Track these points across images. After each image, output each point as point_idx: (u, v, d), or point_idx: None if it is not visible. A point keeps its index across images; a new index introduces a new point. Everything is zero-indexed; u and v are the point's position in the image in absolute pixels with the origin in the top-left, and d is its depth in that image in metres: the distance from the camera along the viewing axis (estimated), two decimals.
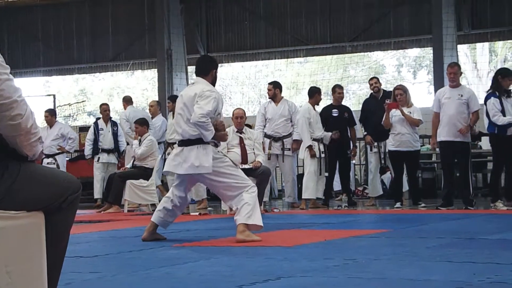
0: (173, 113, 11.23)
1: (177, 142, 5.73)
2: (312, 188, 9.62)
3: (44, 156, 11.16)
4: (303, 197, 9.71)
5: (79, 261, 4.67)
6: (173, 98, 11.82)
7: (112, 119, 11.77)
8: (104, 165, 11.53)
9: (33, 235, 2.41)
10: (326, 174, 9.80)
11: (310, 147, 9.66)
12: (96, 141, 11.46)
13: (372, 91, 10.45)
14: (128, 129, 11.34)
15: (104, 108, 11.79)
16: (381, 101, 9.89)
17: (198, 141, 5.51)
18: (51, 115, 11.72)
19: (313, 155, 9.66)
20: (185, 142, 5.54)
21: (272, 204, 10.53)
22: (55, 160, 11.42)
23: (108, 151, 11.45)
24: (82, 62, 16.79)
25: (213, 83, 5.72)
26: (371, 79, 10.60)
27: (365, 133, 10.30)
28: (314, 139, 9.69)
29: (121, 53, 16.47)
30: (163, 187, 10.91)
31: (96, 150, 11.46)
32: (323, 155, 9.68)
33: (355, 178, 12.60)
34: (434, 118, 8.97)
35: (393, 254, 4.52)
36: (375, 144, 10.06)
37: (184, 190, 5.67)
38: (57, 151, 11.50)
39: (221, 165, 5.52)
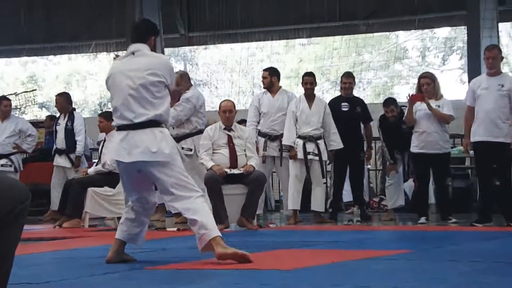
0: None
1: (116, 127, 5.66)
2: (295, 198, 9.66)
3: None
4: (289, 207, 9.74)
5: None
6: None
7: (72, 112, 11.69)
8: (59, 170, 11.48)
9: None
10: (324, 180, 9.78)
11: (291, 148, 9.69)
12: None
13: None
14: None
15: (56, 100, 11.76)
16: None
17: (153, 123, 5.49)
18: (9, 105, 11.67)
19: (293, 157, 9.68)
20: (136, 125, 5.49)
21: (268, 218, 10.53)
22: (11, 161, 11.37)
23: (60, 152, 11.39)
24: (33, 42, 16.73)
25: None
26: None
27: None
28: (299, 136, 9.70)
29: (81, 32, 16.43)
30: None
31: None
32: (315, 157, 9.64)
33: (369, 186, 12.62)
34: (467, 114, 8.99)
35: (416, 281, 4.51)
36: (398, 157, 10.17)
37: (139, 188, 5.62)
38: (13, 151, 11.45)
39: (177, 157, 5.49)
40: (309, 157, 9.67)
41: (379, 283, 4.41)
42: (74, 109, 11.70)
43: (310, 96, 9.95)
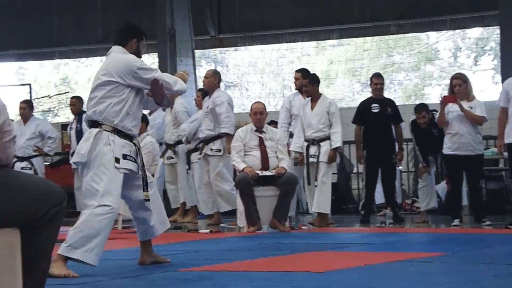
0: (171, 108, 11.27)
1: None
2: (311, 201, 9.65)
3: (16, 159, 11.18)
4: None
5: None
6: None
7: (82, 114, 11.77)
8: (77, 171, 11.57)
9: (6, 257, 2.41)
10: (316, 183, 9.66)
11: (299, 154, 9.66)
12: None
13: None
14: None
15: (71, 102, 11.81)
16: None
17: (94, 123, 5.49)
18: (29, 107, 11.68)
19: (300, 162, 9.64)
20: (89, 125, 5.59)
21: (300, 220, 10.51)
22: (31, 164, 11.39)
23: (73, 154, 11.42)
24: (64, 44, 16.85)
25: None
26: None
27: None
28: (306, 140, 9.65)
29: (112, 33, 16.48)
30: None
31: None
32: (313, 159, 9.57)
33: (402, 188, 12.54)
34: (501, 115, 8.92)
35: (450, 284, 4.48)
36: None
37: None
38: (34, 153, 11.47)
39: (100, 160, 5.32)
40: (310, 159, 9.61)
41: (413, 285, 4.39)
42: (84, 111, 11.79)
43: (313, 97, 9.78)
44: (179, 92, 5.83)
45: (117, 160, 5.33)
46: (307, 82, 9.84)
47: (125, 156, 5.38)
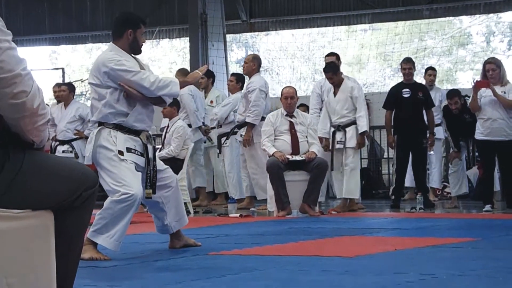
0: (206, 91, 11.26)
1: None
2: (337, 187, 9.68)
3: (57, 142, 11.27)
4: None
5: (95, 272, 4.72)
6: (208, 74, 11.87)
7: None
8: None
9: (40, 239, 2.43)
10: (342, 169, 9.62)
11: (325, 139, 9.62)
12: None
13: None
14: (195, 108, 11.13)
15: None
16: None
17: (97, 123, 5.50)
18: (69, 90, 11.69)
19: (326, 148, 9.60)
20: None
21: (330, 205, 10.50)
22: (72, 147, 11.45)
23: None
24: (97, 29, 16.93)
25: (132, 48, 5.53)
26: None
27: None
28: (332, 125, 9.63)
29: (145, 18, 16.47)
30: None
31: None
32: (340, 145, 9.53)
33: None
34: None
35: (483, 269, 4.45)
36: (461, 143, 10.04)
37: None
38: (74, 137, 11.54)
39: (101, 161, 5.35)
40: (336, 146, 9.56)
41: (444, 271, 4.36)
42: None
43: (336, 83, 9.65)
44: (167, 96, 5.53)
45: (120, 152, 5.33)
46: (331, 75, 9.65)
47: (129, 150, 5.36)
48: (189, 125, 10.92)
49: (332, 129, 9.65)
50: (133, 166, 5.35)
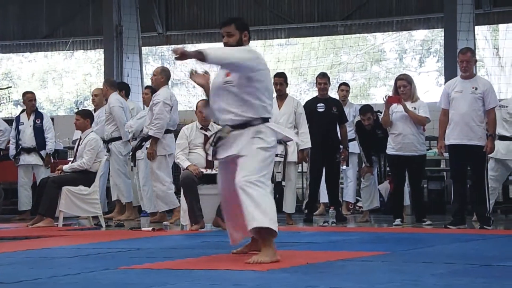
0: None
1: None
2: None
3: None
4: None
5: None
6: (122, 86, 11.79)
7: (38, 110, 11.71)
8: (27, 168, 11.48)
9: None
10: (292, 180, 9.74)
11: None
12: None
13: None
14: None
15: (29, 98, 11.69)
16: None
17: None
18: None
19: None
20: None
21: None
22: None
23: (28, 150, 11.38)
24: (7, 38, 16.59)
25: None
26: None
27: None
28: None
29: (58, 29, 16.32)
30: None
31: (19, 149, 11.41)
32: (280, 159, 9.63)
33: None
34: (442, 116, 9.00)
35: (390, 283, 4.53)
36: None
37: None
38: None
39: None
40: (276, 159, 9.63)
41: (353, 284, 4.43)
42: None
43: (281, 96, 9.90)
44: None
45: None
46: (283, 81, 9.87)
47: None
48: (120, 138, 10.85)
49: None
50: None
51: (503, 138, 9.77)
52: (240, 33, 5.72)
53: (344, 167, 11.11)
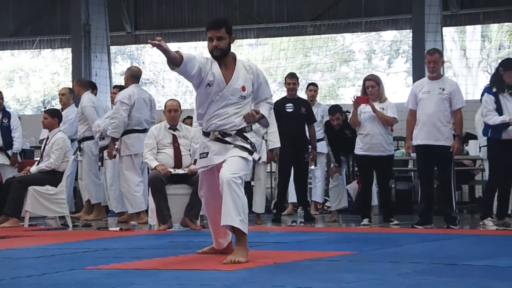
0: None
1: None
2: None
3: None
4: None
5: None
6: (90, 85, 11.71)
7: (5, 109, 11.58)
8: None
9: None
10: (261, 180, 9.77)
11: None
12: None
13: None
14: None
15: None
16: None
17: None
18: None
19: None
20: None
21: None
22: None
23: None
24: None
25: None
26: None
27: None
28: None
29: (25, 27, 16.20)
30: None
31: None
32: None
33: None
34: (409, 117, 9.05)
35: (357, 282, 4.55)
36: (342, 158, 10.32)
37: None
38: None
39: None
40: None
41: (320, 284, 4.44)
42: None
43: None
44: None
45: None
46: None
47: None
48: (92, 137, 10.78)
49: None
50: None
51: None
52: (229, 37, 5.74)
53: (313, 167, 11.15)
